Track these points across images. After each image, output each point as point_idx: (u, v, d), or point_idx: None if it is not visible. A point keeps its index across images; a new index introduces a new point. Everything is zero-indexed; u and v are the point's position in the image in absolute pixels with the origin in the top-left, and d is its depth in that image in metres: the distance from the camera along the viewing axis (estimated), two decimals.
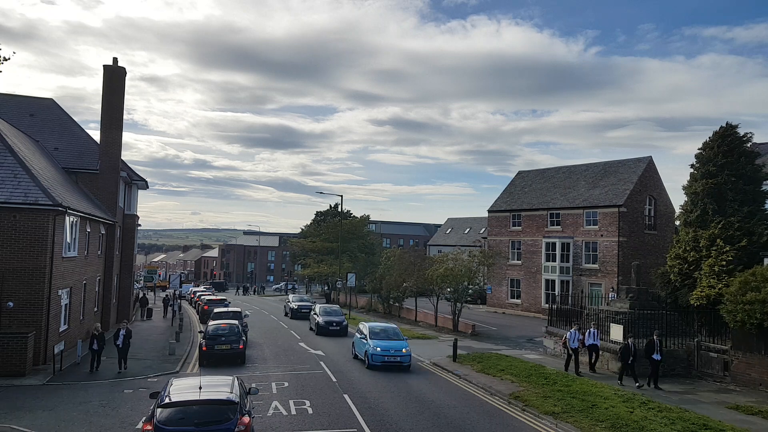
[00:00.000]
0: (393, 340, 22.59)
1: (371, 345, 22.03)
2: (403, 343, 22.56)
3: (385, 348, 21.81)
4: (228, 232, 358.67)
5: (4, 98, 33.53)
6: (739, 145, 24.98)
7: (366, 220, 66.63)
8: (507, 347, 28.41)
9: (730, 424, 14.52)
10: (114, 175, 32.16)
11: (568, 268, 42.46)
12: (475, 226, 73.75)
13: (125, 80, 33.97)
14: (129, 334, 21.29)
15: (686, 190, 26.32)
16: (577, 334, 21.89)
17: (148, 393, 13.63)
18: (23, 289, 20.12)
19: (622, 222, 39.45)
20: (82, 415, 14.82)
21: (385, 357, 21.48)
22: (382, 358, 21.50)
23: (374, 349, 21.78)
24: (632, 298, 23.41)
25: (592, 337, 21.96)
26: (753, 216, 24.01)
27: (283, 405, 16.03)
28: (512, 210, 47.98)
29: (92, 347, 20.59)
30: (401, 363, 21.68)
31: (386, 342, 22.31)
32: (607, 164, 45.51)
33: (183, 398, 10.67)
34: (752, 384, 19.03)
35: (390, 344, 22.13)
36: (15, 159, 21.65)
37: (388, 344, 22.12)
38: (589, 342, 21.91)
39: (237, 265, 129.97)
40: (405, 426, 14.36)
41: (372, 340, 22.38)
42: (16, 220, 20.17)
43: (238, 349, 22.49)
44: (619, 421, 14.40)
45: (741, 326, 18.96)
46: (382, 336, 22.87)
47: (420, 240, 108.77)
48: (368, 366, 21.72)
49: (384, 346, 21.90)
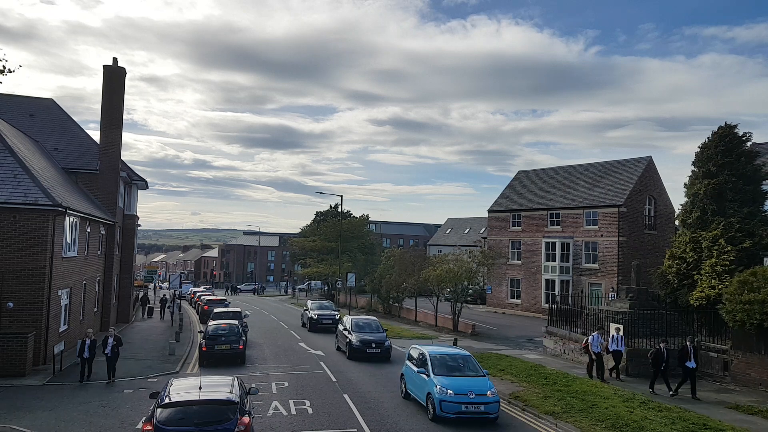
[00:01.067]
0: (469, 377, 15.62)
1: (437, 384, 14.92)
2: (485, 381, 15.48)
3: (459, 390, 14.66)
4: (228, 232, 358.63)
5: (3, 98, 33.52)
6: (738, 145, 24.98)
7: (365, 220, 66.63)
8: (507, 347, 28.41)
9: (730, 424, 14.53)
10: (114, 176, 32.17)
11: (568, 268, 42.46)
12: (475, 226, 73.76)
13: (125, 80, 34.00)
14: (119, 342, 19.66)
15: (686, 190, 26.32)
16: (600, 338, 20.48)
17: (148, 393, 13.64)
18: (23, 290, 20.11)
19: (621, 222, 39.45)
20: (82, 415, 14.82)
21: (462, 405, 14.56)
22: (456, 407, 14.51)
23: (443, 391, 14.66)
24: (632, 298, 23.42)
25: (616, 343, 20.44)
26: (753, 216, 24.01)
27: (283, 405, 16.04)
28: (512, 210, 47.97)
29: (83, 355, 19.00)
30: (487, 415, 14.66)
31: (459, 380, 15.21)
32: (606, 164, 45.51)
33: (183, 398, 10.67)
34: (752, 384, 19.03)
35: (465, 384, 15.03)
36: (15, 159, 21.65)
37: (462, 384, 15.00)
38: (613, 347, 20.43)
39: (237, 265, 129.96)
40: (405, 426, 14.37)
41: (437, 376, 15.35)
42: (16, 221, 20.17)
43: (238, 349, 22.49)
44: (619, 420, 14.40)
45: (741, 326, 18.96)
46: (450, 367, 15.99)
47: (420, 240, 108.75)
48: (435, 417, 14.72)
49: (458, 387, 14.77)
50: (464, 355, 16.96)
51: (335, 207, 72.80)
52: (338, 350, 26.08)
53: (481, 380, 15.50)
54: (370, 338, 24.11)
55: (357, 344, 23.80)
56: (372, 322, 26.29)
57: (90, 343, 19.06)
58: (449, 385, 14.90)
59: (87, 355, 18.96)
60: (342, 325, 26.39)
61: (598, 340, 20.41)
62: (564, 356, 24.75)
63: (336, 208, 70.59)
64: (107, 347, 19.24)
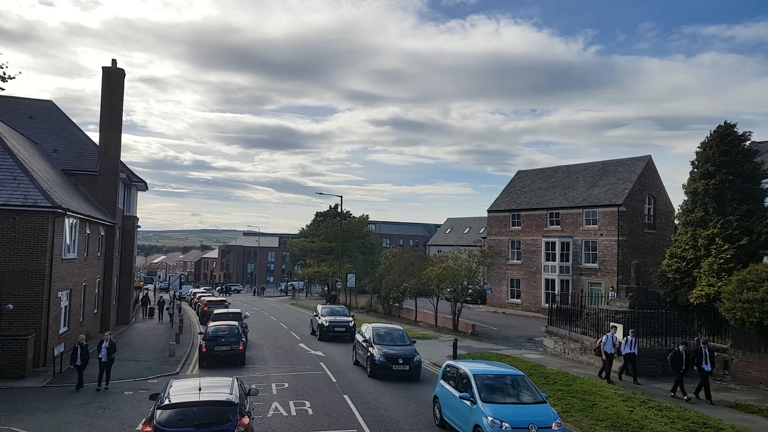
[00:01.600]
0: (526, 404, 12.68)
1: (489, 416, 11.89)
2: (547, 410, 12.53)
3: (517, 422, 11.76)
4: (228, 233, 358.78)
5: (3, 101, 33.50)
6: (737, 144, 25.01)
7: (365, 220, 66.68)
8: (507, 347, 28.41)
9: (730, 423, 14.53)
10: (113, 177, 32.17)
11: (567, 268, 42.47)
12: (474, 226, 73.77)
13: (124, 82, 34.00)
14: (113, 347, 18.49)
15: (686, 189, 26.36)
16: (614, 338, 19.80)
17: (148, 395, 13.63)
18: (23, 291, 20.11)
19: (621, 221, 39.46)
20: (82, 417, 14.82)
21: None
22: None
23: (497, 424, 11.66)
24: (632, 297, 23.42)
25: (629, 345, 19.46)
26: (752, 214, 24.03)
27: (283, 406, 16.04)
28: (512, 210, 47.99)
29: (75, 362, 17.94)
30: None
31: (515, 409, 12.33)
32: (606, 163, 45.53)
33: (183, 399, 10.68)
34: (752, 382, 19.03)
35: (524, 413, 12.22)
36: (14, 161, 21.65)
37: (520, 414, 12.16)
38: (626, 350, 19.46)
39: (237, 266, 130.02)
40: (405, 426, 14.37)
41: (487, 404, 12.33)
42: (16, 222, 20.16)
43: (238, 350, 22.49)
44: (619, 420, 14.41)
45: (740, 325, 18.98)
46: (501, 391, 12.97)
47: (420, 240, 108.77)
48: None
49: (515, 419, 11.85)
50: (516, 375, 13.71)
51: (335, 207, 72.82)
52: (356, 365, 22.72)
53: (542, 408, 12.46)
54: (396, 352, 20.54)
55: (381, 360, 20.19)
56: (395, 331, 22.76)
57: (81, 349, 18.01)
58: (504, 415, 11.84)
59: (79, 362, 17.91)
60: (361, 336, 22.86)
61: (611, 340, 19.79)
62: (564, 356, 24.75)
63: (336, 209, 70.62)
64: (101, 351, 18.19)
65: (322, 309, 33.20)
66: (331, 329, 30.03)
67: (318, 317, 31.95)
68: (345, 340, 29.16)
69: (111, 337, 19.10)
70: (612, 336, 19.92)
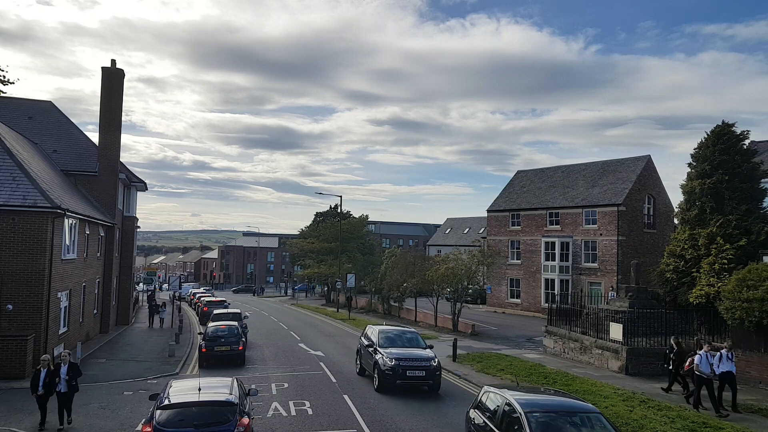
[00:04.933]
0: None
1: None
2: None
3: None
4: (227, 233, 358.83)
5: (2, 101, 33.53)
6: (735, 144, 25.03)
7: (365, 220, 66.62)
8: (507, 347, 28.41)
9: (730, 423, 14.52)
10: (113, 177, 32.18)
11: (567, 268, 42.48)
12: (474, 225, 73.77)
13: (123, 82, 34.00)
14: (76, 371, 14.11)
15: (683, 188, 26.37)
16: (709, 356, 16.05)
17: (148, 395, 13.63)
18: (22, 292, 20.11)
19: (621, 221, 39.46)
20: (82, 417, 14.80)
21: None
22: None
23: None
24: (632, 297, 23.44)
25: (724, 362, 15.97)
26: (751, 214, 24.05)
27: (283, 406, 16.04)
28: (511, 209, 47.99)
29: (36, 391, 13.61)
30: None
31: None
32: (606, 163, 45.54)
33: (182, 400, 10.68)
34: (752, 382, 19.04)
35: None
36: (13, 161, 21.65)
37: None
38: (720, 369, 15.92)
39: (236, 266, 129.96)
40: (405, 426, 14.36)
41: None
42: (15, 223, 20.16)
43: (237, 350, 22.50)
44: (618, 420, 14.40)
45: (740, 324, 18.99)
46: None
47: (419, 240, 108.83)
48: None
49: None
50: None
51: (335, 207, 72.76)
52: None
53: None
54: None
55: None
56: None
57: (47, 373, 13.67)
58: None
59: (41, 390, 13.55)
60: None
61: (707, 359, 16.04)
62: (564, 355, 24.76)
63: (335, 209, 70.56)
64: (59, 379, 13.73)
65: (380, 335, 19.53)
66: (401, 374, 17.42)
67: (374, 349, 18.94)
68: (424, 391, 17.97)
69: (70, 358, 14.40)
70: (706, 354, 16.15)
